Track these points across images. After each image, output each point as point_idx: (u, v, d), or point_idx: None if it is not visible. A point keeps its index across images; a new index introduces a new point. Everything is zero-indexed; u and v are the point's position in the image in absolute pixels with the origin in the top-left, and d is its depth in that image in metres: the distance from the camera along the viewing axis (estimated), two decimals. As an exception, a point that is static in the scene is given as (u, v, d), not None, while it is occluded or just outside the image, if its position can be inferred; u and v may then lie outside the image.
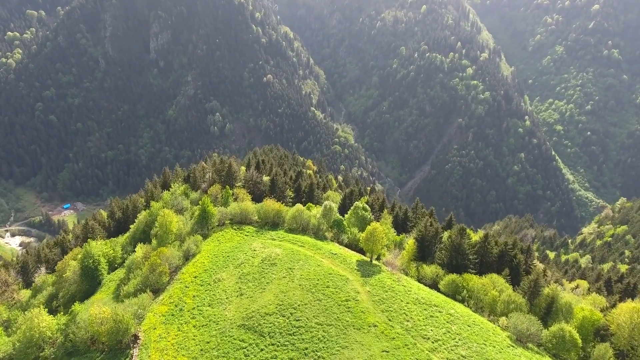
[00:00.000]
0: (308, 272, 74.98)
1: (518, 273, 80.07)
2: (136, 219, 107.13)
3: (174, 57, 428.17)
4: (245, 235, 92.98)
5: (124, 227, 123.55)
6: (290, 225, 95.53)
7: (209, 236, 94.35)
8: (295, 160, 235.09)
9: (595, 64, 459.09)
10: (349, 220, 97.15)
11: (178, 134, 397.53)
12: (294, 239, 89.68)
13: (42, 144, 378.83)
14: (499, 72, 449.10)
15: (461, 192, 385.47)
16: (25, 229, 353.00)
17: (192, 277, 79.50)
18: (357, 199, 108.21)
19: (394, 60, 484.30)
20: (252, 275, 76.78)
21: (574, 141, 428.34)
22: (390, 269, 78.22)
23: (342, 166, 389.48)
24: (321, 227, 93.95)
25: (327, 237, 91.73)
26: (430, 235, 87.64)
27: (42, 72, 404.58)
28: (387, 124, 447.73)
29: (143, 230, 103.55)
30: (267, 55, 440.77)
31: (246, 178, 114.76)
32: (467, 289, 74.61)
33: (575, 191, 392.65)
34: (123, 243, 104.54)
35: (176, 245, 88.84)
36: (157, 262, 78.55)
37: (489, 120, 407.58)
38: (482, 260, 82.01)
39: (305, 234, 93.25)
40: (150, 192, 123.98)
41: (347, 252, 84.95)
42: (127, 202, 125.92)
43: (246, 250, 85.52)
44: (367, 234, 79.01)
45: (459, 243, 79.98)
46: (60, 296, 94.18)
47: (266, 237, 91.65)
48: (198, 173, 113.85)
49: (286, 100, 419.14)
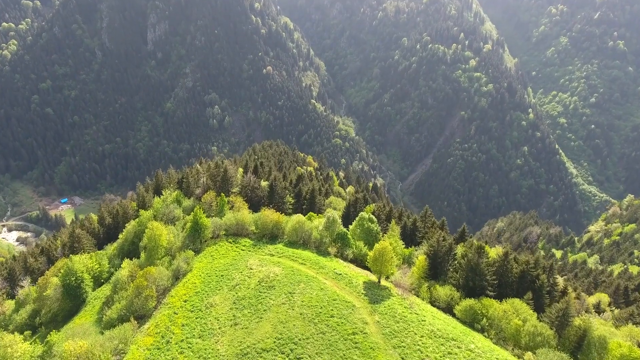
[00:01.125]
0: (310, 297, 66.80)
1: (541, 296, 71.95)
2: (124, 229, 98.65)
3: (171, 49, 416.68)
4: (242, 250, 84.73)
5: (114, 233, 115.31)
6: (290, 237, 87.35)
7: (202, 250, 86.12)
8: (295, 157, 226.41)
9: (600, 56, 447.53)
10: (354, 232, 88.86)
11: (176, 127, 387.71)
12: (294, 254, 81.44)
13: (38, 137, 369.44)
14: (503, 63, 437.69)
15: (463, 186, 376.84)
16: (23, 224, 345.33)
17: (181, 301, 71.35)
18: (361, 207, 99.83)
19: (395, 52, 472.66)
20: (247, 300, 68.60)
21: (578, 134, 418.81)
22: (401, 293, 70.05)
23: (342, 160, 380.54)
24: (324, 241, 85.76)
25: (330, 252, 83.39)
26: (443, 251, 79.36)
27: (38, 64, 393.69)
28: (388, 116, 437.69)
29: (132, 242, 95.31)
30: (266, 47, 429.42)
31: (243, 183, 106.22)
32: (486, 317, 66.49)
33: (579, 185, 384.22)
34: (110, 255, 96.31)
35: (166, 262, 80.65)
36: (143, 285, 70.37)
37: (492, 113, 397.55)
38: (500, 281, 73.86)
39: (306, 248, 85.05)
40: (141, 196, 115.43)
41: (353, 271, 76.73)
42: (117, 206, 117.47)
43: (242, 268, 77.32)
44: (375, 254, 70.73)
45: (477, 263, 71.73)
46: (42, 314, 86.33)
47: (264, 252, 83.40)
48: (191, 178, 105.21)
49: (286, 92, 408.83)
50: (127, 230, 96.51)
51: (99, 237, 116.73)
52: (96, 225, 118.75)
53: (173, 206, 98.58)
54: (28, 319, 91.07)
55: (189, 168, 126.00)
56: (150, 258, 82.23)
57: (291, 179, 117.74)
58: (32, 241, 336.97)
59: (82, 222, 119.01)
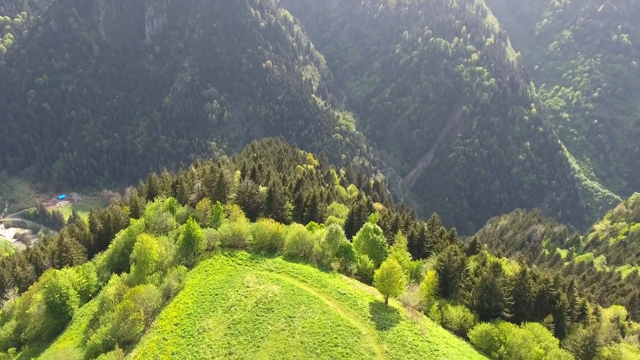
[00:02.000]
0: (312, 322, 60.67)
1: (562, 318, 65.90)
2: (114, 238, 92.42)
3: (170, 42, 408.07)
4: (238, 264, 78.52)
5: (105, 240, 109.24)
6: (290, 250, 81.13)
7: (195, 264, 79.91)
8: (295, 155, 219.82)
9: (603, 49, 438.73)
10: (358, 243, 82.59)
11: (175, 122, 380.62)
12: (294, 269, 75.24)
13: (35, 133, 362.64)
14: (505, 57, 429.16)
15: (465, 181, 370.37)
16: (20, 221, 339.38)
17: (172, 325, 65.22)
18: (365, 215, 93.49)
19: (396, 45, 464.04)
20: (243, 324, 62.47)
21: (580, 129, 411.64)
22: (411, 316, 63.95)
23: (343, 155, 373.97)
24: (326, 254, 79.54)
25: (332, 267, 77.16)
26: (455, 267, 73.20)
27: (34, 58, 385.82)
28: (389, 111, 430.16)
29: (122, 252, 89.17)
30: (266, 40, 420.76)
31: (240, 189, 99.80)
32: (504, 344, 60.46)
33: (581, 181, 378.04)
34: (99, 267, 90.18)
35: (156, 279, 74.47)
36: (130, 307, 64.25)
37: (494, 107, 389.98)
38: (517, 300, 67.79)
39: (307, 262, 78.85)
40: (134, 202, 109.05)
41: (357, 290, 70.51)
42: (109, 212, 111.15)
43: (238, 286, 71.13)
44: (383, 273, 64.49)
45: (492, 283, 65.58)
46: (26, 331, 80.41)
47: (262, 266, 77.20)
48: (185, 183, 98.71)
49: (286, 86, 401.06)
50: (116, 240, 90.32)
51: (89, 245, 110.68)
52: (87, 232, 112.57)
53: (166, 214, 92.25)
54: (13, 334, 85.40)
55: (184, 172, 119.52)
56: (139, 273, 76.09)
57: (291, 183, 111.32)
58: (30, 238, 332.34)
59: (72, 229, 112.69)
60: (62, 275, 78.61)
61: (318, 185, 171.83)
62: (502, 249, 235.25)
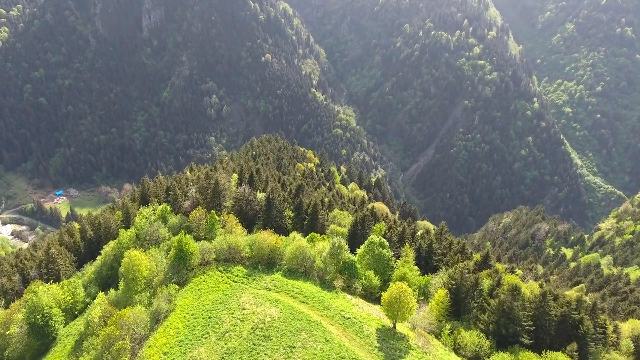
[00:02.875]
0: (314, 353, 54.75)
1: (585, 344, 60.05)
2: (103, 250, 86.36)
3: (167, 36, 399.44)
4: (234, 281, 72.51)
5: (96, 248, 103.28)
6: (290, 264, 75.17)
7: (188, 281, 73.90)
8: (295, 152, 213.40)
9: (607, 43, 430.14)
10: (362, 257, 76.60)
11: (173, 117, 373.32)
12: (294, 288, 69.25)
13: (32, 128, 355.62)
14: (507, 51, 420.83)
15: (466, 177, 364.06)
16: (17, 217, 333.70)
17: (160, 353, 59.33)
18: (370, 225, 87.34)
19: (397, 39, 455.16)
20: (239, 354, 56.56)
21: (583, 124, 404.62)
22: (422, 344, 58.06)
23: (343, 151, 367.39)
24: (328, 270, 73.57)
25: (335, 285, 71.14)
26: (468, 285, 67.23)
27: (30, 52, 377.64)
28: (390, 105, 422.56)
29: (110, 266, 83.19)
30: (265, 34, 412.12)
31: (237, 196, 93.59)
32: (525, 377, 54.69)
33: (584, 176, 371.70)
34: (87, 280, 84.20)
35: (145, 298, 68.51)
36: (114, 334, 58.29)
37: (496, 102, 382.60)
38: (536, 325, 61.92)
39: (308, 278, 72.87)
40: (125, 208, 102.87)
41: (363, 312, 64.58)
42: (99, 219, 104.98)
43: (233, 307, 65.16)
44: (391, 298, 58.45)
45: (511, 307, 59.62)
46: (7, 352, 74.61)
47: (259, 284, 71.20)
48: (179, 191, 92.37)
49: (285, 81, 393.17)
50: (105, 253, 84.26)
51: (79, 253, 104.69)
52: (77, 239, 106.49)
53: (157, 224, 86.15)
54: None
55: (178, 175, 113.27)
56: (127, 292, 70.19)
57: (291, 188, 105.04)
58: (27, 235, 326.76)
59: (62, 236, 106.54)
60: (44, 293, 72.60)
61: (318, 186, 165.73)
62: (505, 247, 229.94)
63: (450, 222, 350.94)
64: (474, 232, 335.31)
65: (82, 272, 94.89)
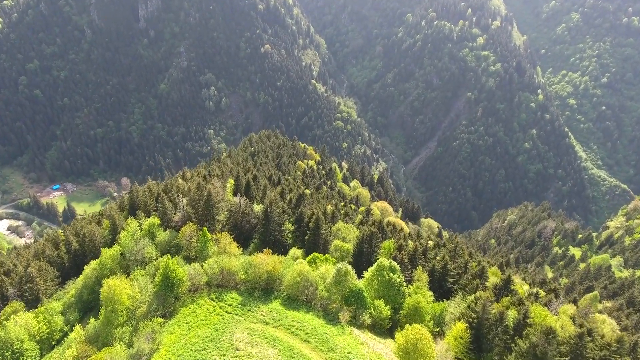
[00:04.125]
0: (317, 412, 46.39)
1: (629, 394, 51.83)
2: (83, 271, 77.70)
3: (164, 26, 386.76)
4: (227, 312, 63.89)
5: (82, 261, 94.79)
6: (290, 291, 66.62)
7: (175, 312, 65.22)
8: (295, 149, 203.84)
9: (613, 33, 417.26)
10: (370, 283, 68.02)
11: (171, 109, 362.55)
12: (294, 321, 60.74)
13: (27, 121, 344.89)
14: (511, 41, 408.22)
15: (469, 170, 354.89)
16: (13, 212, 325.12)
17: (140, 407, 50.98)
18: (377, 243, 78.56)
19: (399, 29, 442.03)
20: (230, 410, 48.21)
21: (588, 116, 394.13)
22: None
23: (344, 144, 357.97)
24: (332, 298, 65.08)
25: (340, 318, 62.57)
26: (491, 321, 58.72)
27: (24, 43, 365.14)
28: (391, 97, 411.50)
29: (92, 289, 74.61)
30: (264, 24, 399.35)
31: (232, 208, 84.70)
32: None
33: (588, 169, 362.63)
34: (67, 305, 75.71)
35: (127, 334, 60.00)
36: (87, 385, 49.86)
37: (500, 94, 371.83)
38: (571, 368, 53.60)
39: (310, 308, 64.38)
40: (112, 218, 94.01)
41: (373, 355, 56.15)
42: (84, 230, 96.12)
43: (225, 347, 56.60)
44: (407, 344, 49.98)
45: (544, 352, 51.15)
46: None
47: (255, 316, 62.59)
48: (168, 203, 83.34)
49: (285, 72, 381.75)
50: (85, 274, 75.63)
51: (63, 268, 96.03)
52: (62, 252, 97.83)
53: (144, 242, 77.37)
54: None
55: (170, 181, 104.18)
56: (107, 325, 61.70)
57: (291, 197, 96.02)
58: (24, 230, 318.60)
59: (43, 248, 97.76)
60: (15, 325, 64.02)
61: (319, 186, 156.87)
62: (511, 246, 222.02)
63: (453, 216, 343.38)
64: (476, 226, 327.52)
65: (64, 290, 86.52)
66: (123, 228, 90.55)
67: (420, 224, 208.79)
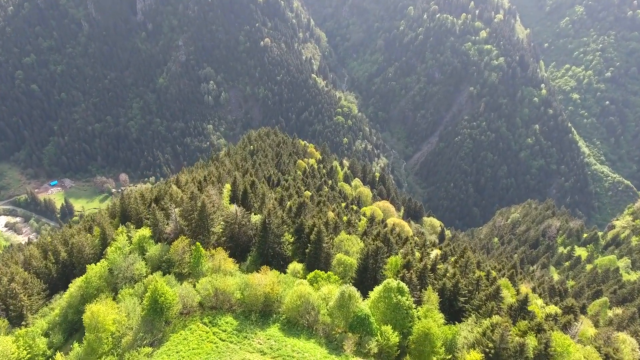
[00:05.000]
0: None
1: None
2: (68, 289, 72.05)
3: (163, 19, 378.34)
4: (221, 339, 58.30)
5: (71, 272, 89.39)
6: (290, 314, 60.96)
7: (164, 338, 59.61)
8: (295, 147, 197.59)
9: (617, 27, 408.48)
10: (376, 306, 62.24)
11: (170, 104, 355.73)
12: (294, 351, 55.19)
13: (24, 116, 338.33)
14: (514, 35, 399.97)
15: (471, 166, 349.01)
16: (11, 209, 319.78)
17: None
18: (383, 258, 72.77)
19: (401, 22, 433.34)
20: None
21: (591, 111, 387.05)
22: None
23: (345, 139, 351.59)
24: (335, 323, 59.50)
25: (344, 348, 57.00)
26: (510, 351, 53.17)
27: (21, 37, 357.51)
28: (392, 91, 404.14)
29: (77, 309, 69.02)
30: (264, 17, 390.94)
31: (228, 220, 78.85)
32: None
33: (591, 165, 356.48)
34: (51, 325, 70.17)
35: None
36: None
37: (503, 88, 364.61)
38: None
39: (311, 335, 58.79)
40: (102, 229, 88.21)
41: (381, 392, 50.72)
42: (73, 239, 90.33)
43: (218, 382, 51.17)
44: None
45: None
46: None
47: (252, 345, 57.01)
48: (159, 214, 77.41)
49: (285, 66, 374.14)
50: (70, 293, 69.99)
51: (51, 279, 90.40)
52: (50, 262, 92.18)
53: (133, 257, 71.63)
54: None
55: (165, 185, 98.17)
56: (91, 353, 56.17)
57: (290, 205, 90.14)
58: (21, 227, 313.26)
59: (29, 260, 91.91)
60: (-9, 354, 58.55)
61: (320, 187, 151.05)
62: (515, 245, 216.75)
63: (454, 212, 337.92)
64: (478, 222, 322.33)
65: (50, 306, 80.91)
66: (113, 238, 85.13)
67: (422, 223, 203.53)
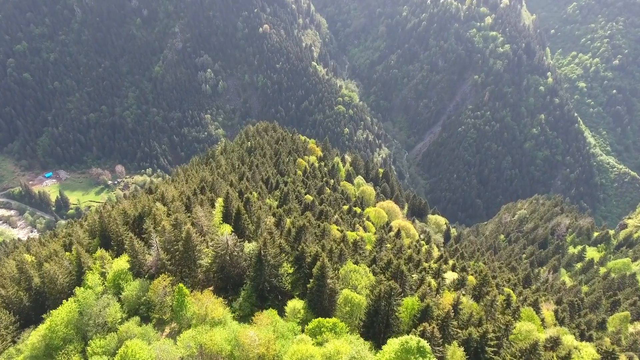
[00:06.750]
0: None
1: None
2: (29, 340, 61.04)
3: (158, 5, 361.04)
4: (205, 415, 47.66)
5: (45, 301, 78.69)
6: (289, 379, 50.24)
7: (139, 413, 48.92)
8: (295, 144, 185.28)
9: (626, 12, 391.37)
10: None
11: (166, 93, 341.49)
12: None
13: (17, 106, 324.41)
14: (520, 21, 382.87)
15: (474, 157, 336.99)
16: (5, 201, 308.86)
17: None
18: (397, 300, 61.61)
19: (403, 7, 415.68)
20: None
21: (598, 100, 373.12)
22: None
23: (346, 129, 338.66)
24: (344, 393, 48.81)
25: None
26: None
27: (12, 23, 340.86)
28: (395, 80, 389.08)
29: (48, 354, 58.33)
30: (262, 2, 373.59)
31: (218, 250, 67.52)
32: None
33: (596, 156, 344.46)
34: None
35: None
36: None
37: (508, 77, 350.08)
38: None
39: (314, 408, 48.11)
40: (77, 257, 76.83)
41: None
42: (47, 267, 79.05)
43: None
44: None
45: None
46: None
47: (243, 423, 46.36)
48: (138, 245, 65.93)
49: (285, 54, 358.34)
50: (31, 344, 58.96)
51: (23, 309, 79.60)
52: (21, 292, 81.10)
53: (107, 299, 60.51)
54: None
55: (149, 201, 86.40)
56: None
57: (289, 227, 78.77)
58: (16, 220, 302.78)
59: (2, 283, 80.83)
60: None
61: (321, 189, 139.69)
62: (522, 244, 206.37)
63: (457, 204, 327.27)
64: (481, 214, 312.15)
65: (18, 344, 70.21)
66: (89, 267, 74.11)
67: (427, 221, 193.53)
